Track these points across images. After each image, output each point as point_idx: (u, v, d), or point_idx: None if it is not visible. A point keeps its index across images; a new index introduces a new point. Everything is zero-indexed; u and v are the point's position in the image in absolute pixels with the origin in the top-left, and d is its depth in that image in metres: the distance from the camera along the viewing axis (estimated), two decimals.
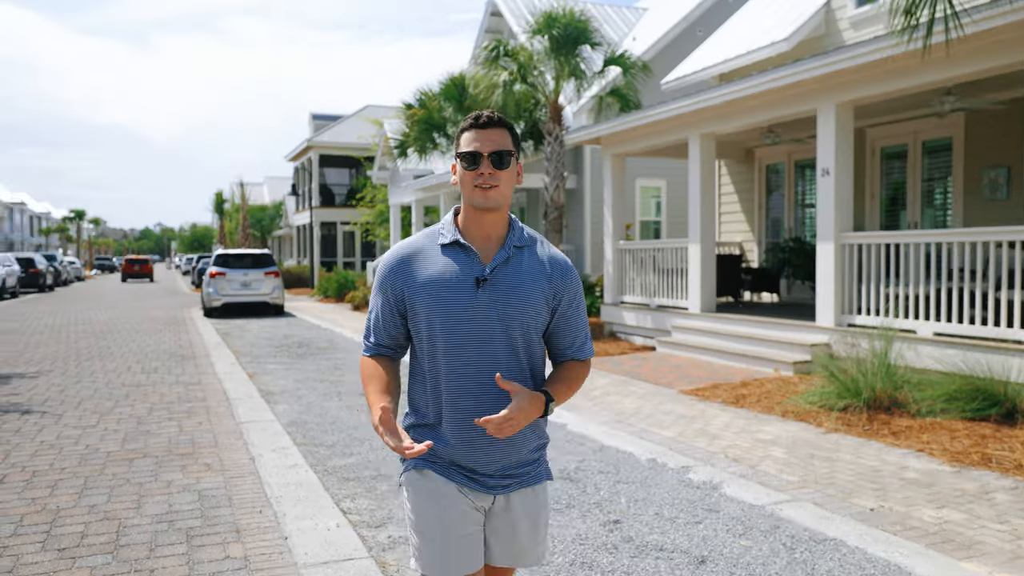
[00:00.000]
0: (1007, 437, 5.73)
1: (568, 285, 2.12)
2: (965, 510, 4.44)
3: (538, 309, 2.06)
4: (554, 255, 2.13)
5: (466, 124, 2.07)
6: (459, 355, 2.00)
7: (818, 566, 3.68)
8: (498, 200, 2.02)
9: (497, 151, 2.01)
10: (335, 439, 6.36)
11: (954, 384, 6.45)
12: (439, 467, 2.06)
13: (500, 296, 2.01)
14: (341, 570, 3.68)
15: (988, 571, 3.60)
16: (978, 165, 10.49)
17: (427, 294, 2.02)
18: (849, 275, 8.94)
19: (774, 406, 7.17)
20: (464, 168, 2.03)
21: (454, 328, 2.00)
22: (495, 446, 2.04)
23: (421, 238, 2.12)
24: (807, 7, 12.65)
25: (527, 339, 2.07)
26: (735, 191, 14.94)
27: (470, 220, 2.07)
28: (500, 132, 2.04)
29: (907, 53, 7.20)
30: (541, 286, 2.06)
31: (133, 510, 4.56)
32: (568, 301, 2.13)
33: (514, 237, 2.08)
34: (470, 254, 2.04)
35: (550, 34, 13.90)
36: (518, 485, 2.11)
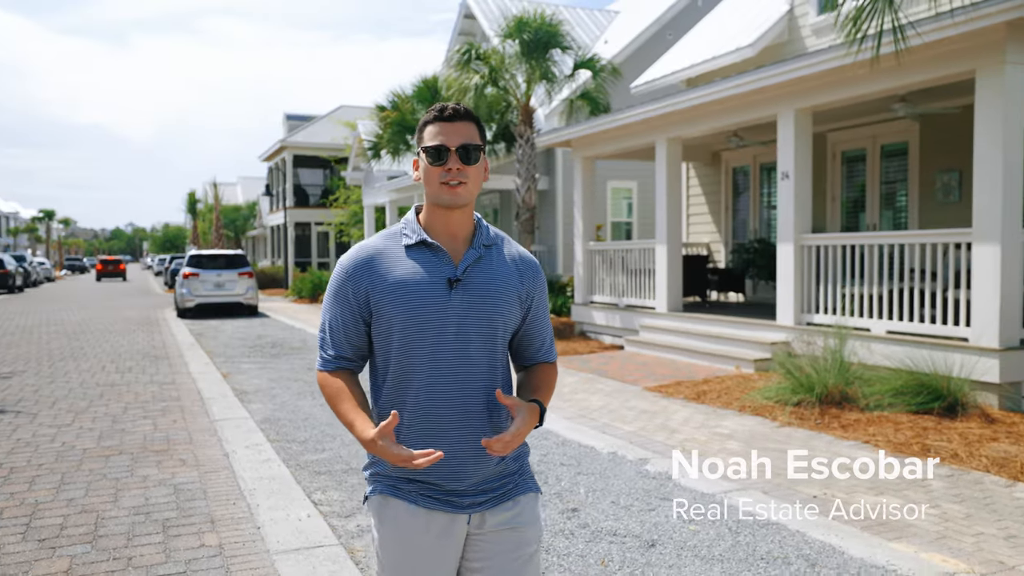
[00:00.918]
0: (946, 429, 6.04)
1: (537, 285, 2.05)
2: (902, 496, 4.73)
3: (512, 310, 1.98)
4: (522, 254, 2.05)
5: (430, 116, 1.96)
6: (431, 361, 1.90)
7: (759, 547, 3.95)
8: (466, 197, 1.93)
9: (464, 145, 1.91)
10: (307, 435, 6.55)
11: (900, 380, 6.77)
12: (404, 493, 1.93)
13: (474, 297, 1.92)
14: (311, 556, 3.88)
15: (915, 550, 3.87)
16: (932, 169, 10.87)
17: (395, 298, 1.90)
18: (808, 275, 9.26)
19: (732, 402, 7.46)
20: (429, 163, 1.92)
21: (426, 332, 1.89)
22: (468, 458, 1.91)
23: (380, 239, 2.00)
24: (771, 14, 13.00)
25: (504, 343, 1.99)
26: (703, 193, 15.27)
27: (435, 219, 1.96)
28: (467, 125, 1.94)
29: (860, 62, 7.50)
30: (514, 286, 1.98)
31: (110, 503, 4.73)
32: (538, 302, 2.06)
33: (482, 236, 1.99)
34: (439, 254, 1.94)
35: (521, 38, 14.13)
36: (496, 501, 1.97)
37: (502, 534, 1.96)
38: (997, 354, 7.02)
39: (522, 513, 1.99)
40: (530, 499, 2.02)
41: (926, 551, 3.87)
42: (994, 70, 7.03)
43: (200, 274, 19.44)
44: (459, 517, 1.93)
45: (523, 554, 1.98)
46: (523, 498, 2.00)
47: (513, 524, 1.97)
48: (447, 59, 17.60)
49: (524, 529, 1.99)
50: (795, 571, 3.67)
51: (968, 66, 7.32)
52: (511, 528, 1.97)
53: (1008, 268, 7.11)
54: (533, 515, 2.02)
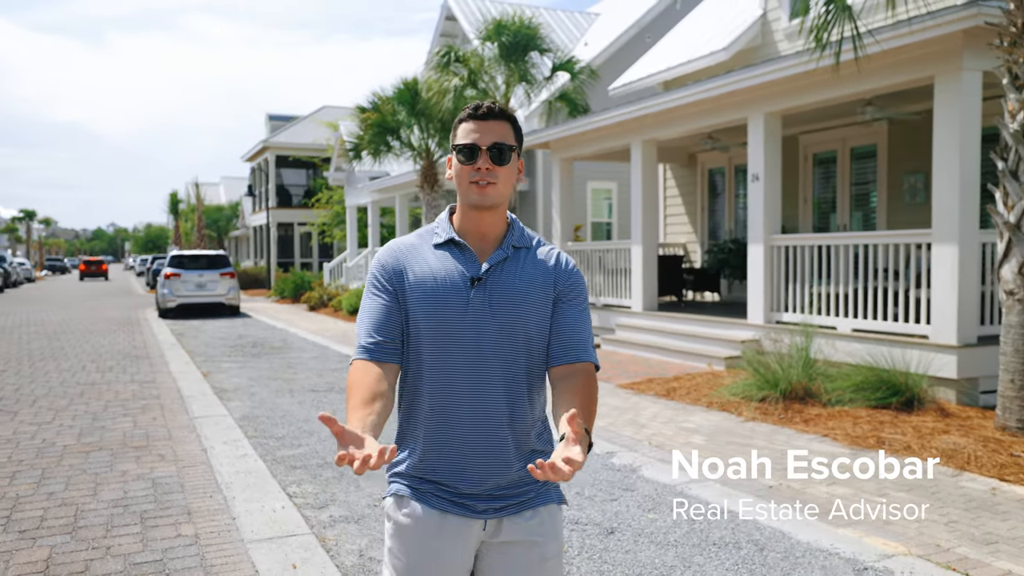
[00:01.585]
0: (902, 423, 6.27)
1: (572, 286, 1.95)
2: (854, 487, 4.93)
3: (535, 315, 1.90)
4: (559, 258, 1.97)
5: (464, 114, 1.92)
6: (446, 360, 1.86)
7: (712, 534, 4.14)
8: (496, 198, 1.88)
9: (497, 144, 1.87)
10: (285, 432, 6.70)
11: (861, 376, 6.99)
12: (420, 494, 1.89)
13: (495, 298, 1.87)
14: (285, 544, 4.04)
15: (859, 535, 4.08)
16: (900, 171, 11.14)
17: (418, 293, 1.88)
18: (777, 275, 9.49)
19: (701, 398, 7.66)
20: (460, 162, 1.89)
21: (442, 330, 1.86)
22: (486, 461, 1.87)
23: (414, 236, 2.00)
24: (745, 18, 13.24)
25: (528, 347, 1.90)
26: (679, 194, 15.50)
27: (466, 218, 1.94)
28: (501, 124, 1.90)
29: (823, 68, 7.73)
30: (539, 289, 1.91)
31: (90, 497, 4.87)
32: (572, 302, 1.94)
33: (513, 237, 1.95)
34: (465, 252, 1.91)
35: (499, 41, 14.33)
36: (515, 509, 1.89)
37: (519, 549, 1.89)
38: (955, 351, 7.26)
39: (542, 525, 1.91)
40: (551, 511, 1.94)
41: (870, 536, 4.08)
42: (951, 76, 7.27)
43: (182, 274, 19.49)
44: (474, 522, 1.87)
45: (541, 572, 1.90)
46: (544, 509, 1.92)
47: (531, 538, 1.89)
48: (428, 60, 17.75)
49: (543, 544, 1.90)
50: (744, 555, 3.87)
51: (927, 72, 7.56)
52: (530, 544, 1.89)
53: (966, 268, 7.35)
54: (553, 528, 1.93)
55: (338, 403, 7.91)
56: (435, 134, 15.93)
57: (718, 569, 3.71)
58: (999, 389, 5.97)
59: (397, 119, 16.03)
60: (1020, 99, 5.71)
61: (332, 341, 13.61)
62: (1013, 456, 5.30)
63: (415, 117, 15.64)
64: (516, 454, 1.89)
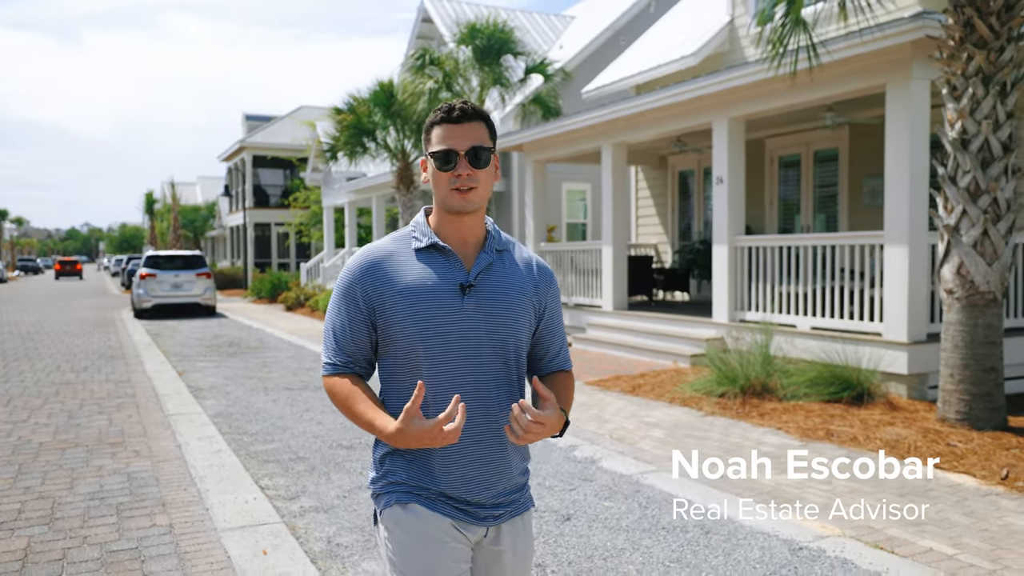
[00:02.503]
0: (851, 416, 6.57)
1: (551, 292, 2.01)
2: (801, 475, 5.20)
3: (526, 317, 1.93)
4: (537, 261, 2.01)
5: (437, 117, 1.88)
6: (444, 369, 1.84)
7: (663, 519, 4.39)
8: (477, 202, 1.86)
9: (474, 148, 1.84)
10: (258, 428, 6.88)
11: (815, 371, 7.29)
12: (426, 500, 1.87)
13: (487, 303, 1.86)
14: (256, 532, 4.24)
15: (799, 520, 4.35)
16: (861, 174, 11.48)
17: (406, 303, 1.83)
18: (741, 275, 9.78)
19: (664, 394, 7.93)
20: (438, 168, 1.85)
21: (438, 339, 1.83)
22: (489, 468, 1.88)
23: (389, 242, 1.93)
24: (714, 24, 13.54)
25: (517, 350, 1.93)
26: (651, 196, 15.80)
27: (445, 223, 1.90)
28: (476, 126, 1.86)
29: (784, 75, 8.01)
30: (528, 292, 1.93)
31: (66, 490, 5.03)
32: (552, 309, 2.01)
33: (494, 240, 1.94)
34: (450, 258, 1.87)
35: (474, 44, 14.56)
36: (509, 515, 1.95)
37: (512, 558, 1.96)
38: (906, 348, 7.57)
39: (527, 530, 2.00)
40: (529, 516, 2.03)
41: (809, 520, 4.35)
42: (901, 85, 7.58)
43: (157, 275, 19.53)
44: (478, 529, 1.90)
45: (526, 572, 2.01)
46: (526, 515, 2.01)
47: (522, 546, 1.98)
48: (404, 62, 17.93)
49: (528, 550, 2.00)
50: (690, 538, 4.12)
51: (880, 81, 7.86)
52: (521, 552, 1.98)
53: (915, 268, 7.66)
54: (531, 531, 2.03)
55: (312, 401, 8.09)
56: (411, 136, 16.12)
57: (664, 550, 3.96)
58: (940, 383, 6.28)
59: (373, 121, 16.20)
60: (958, 109, 6.02)
61: (308, 341, 13.76)
62: (949, 446, 5.60)
63: (390, 119, 15.83)
64: (516, 458, 1.93)
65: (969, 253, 5.99)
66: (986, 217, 5.94)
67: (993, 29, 5.83)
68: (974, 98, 5.92)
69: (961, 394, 6.08)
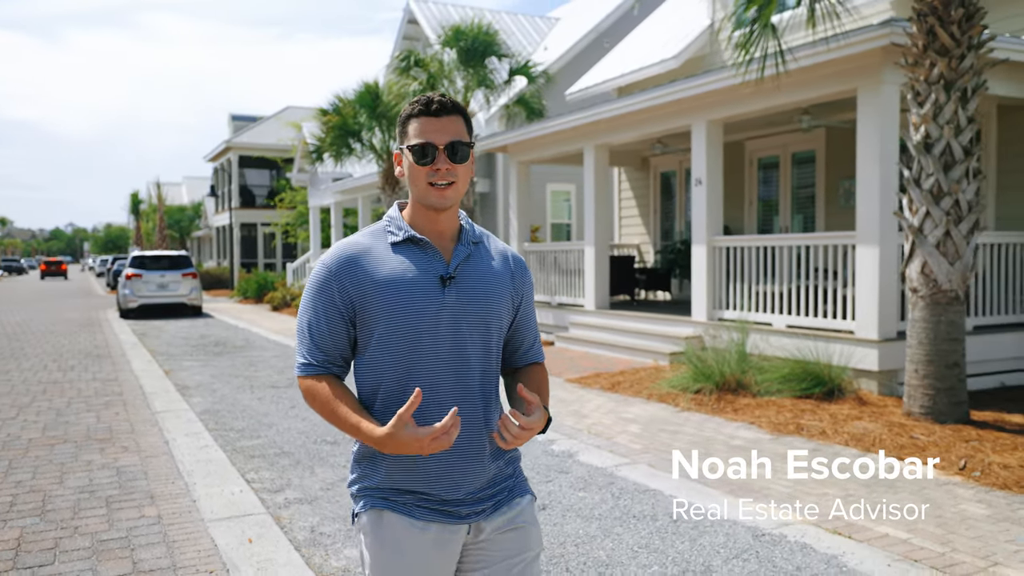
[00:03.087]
0: (821, 410, 6.78)
1: (527, 283, 2.00)
2: (769, 466, 5.40)
3: (505, 308, 1.92)
4: (511, 252, 2.00)
5: (414, 110, 1.84)
6: (426, 364, 1.81)
7: (634, 508, 4.58)
8: (455, 198, 1.84)
9: (453, 143, 1.81)
10: (244, 424, 7.02)
11: (788, 368, 7.50)
12: (402, 507, 1.84)
13: (468, 295, 1.84)
14: (242, 522, 4.40)
15: (764, 507, 4.54)
16: (837, 176, 11.72)
17: (385, 297, 1.80)
18: (719, 274, 9.99)
19: (642, 391, 8.12)
20: (415, 162, 1.82)
21: (419, 333, 1.80)
22: (468, 464, 1.84)
23: (365, 237, 1.90)
24: (695, 27, 13.76)
25: (498, 342, 1.92)
26: (633, 196, 16.00)
27: (421, 217, 1.88)
28: (454, 120, 1.83)
29: (751, 81, 8.22)
30: (506, 283, 1.93)
31: (57, 484, 5.17)
32: (527, 300, 2.01)
33: (469, 233, 1.92)
34: (428, 251, 1.85)
35: (458, 47, 14.70)
36: (493, 508, 1.88)
37: (504, 536, 1.89)
38: (876, 345, 7.79)
39: (522, 513, 1.92)
40: (528, 501, 1.95)
41: (773, 507, 4.54)
42: (872, 90, 7.80)
43: (143, 275, 19.58)
44: (459, 528, 1.85)
45: (525, 558, 1.90)
46: (521, 500, 1.94)
47: (514, 524, 1.90)
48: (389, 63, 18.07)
49: (526, 528, 1.92)
50: (659, 526, 4.30)
51: (852, 85, 8.08)
52: (512, 528, 1.90)
53: (886, 268, 7.88)
54: (532, 516, 1.94)
55: (298, 398, 8.23)
56: (395, 136, 16.25)
57: (634, 537, 4.14)
58: (906, 379, 6.51)
59: (358, 122, 16.33)
60: (921, 114, 6.24)
61: (294, 340, 13.85)
62: (912, 438, 5.82)
63: (376, 120, 15.97)
64: (490, 451, 1.89)
65: (932, 253, 6.21)
66: (948, 218, 6.16)
67: (954, 37, 6.05)
68: (936, 103, 6.14)
69: (925, 389, 6.30)
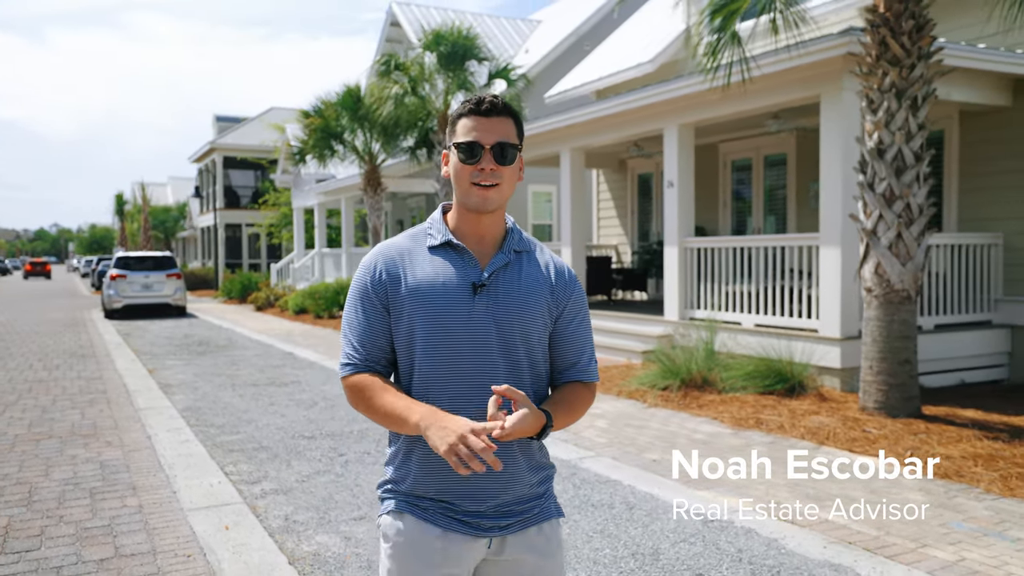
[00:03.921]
0: (781, 406, 7.06)
1: (572, 296, 1.91)
2: (727, 458, 5.66)
3: (541, 320, 1.85)
4: (557, 263, 1.92)
5: (464, 109, 1.82)
6: (451, 370, 1.78)
7: (593, 497, 4.83)
8: (498, 201, 1.81)
9: (501, 143, 1.79)
10: (225, 421, 7.23)
11: (752, 365, 7.77)
12: (421, 511, 1.82)
13: (499, 304, 1.80)
14: (220, 512, 4.62)
15: (716, 496, 4.80)
16: (807, 178, 12.02)
17: (415, 300, 1.79)
18: (690, 275, 10.26)
19: (612, 388, 8.38)
20: (461, 161, 1.80)
21: (446, 340, 1.77)
22: (492, 478, 1.78)
23: (405, 239, 1.89)
24: (670, 31, 14.04)
25: (531, 354, 1.85)
26: (612, 198, 16.28)
27: (463, 221, 1.85)
28: (504, 122, 1.81)
29: (722, 87, 8.50)
30: (543, 295, 1.86)
31: (42, 476, 5.37)
32: (571, 314, 1.91)
33: (513, 240, 1.87)
34: (465, 256, 1.82)
35: (438, 50, 14.93)
36: (520, 525, 1.83)
37: (527, 559, 1.85)
38: (839, 343, 8.07)
39: (548, 542, 1.87)
40: (554, 526, 1.90)
41: (725, 496, 4.80)
42: (834, 96, 8.09)
43: (128, 275, 19.70)
44: (478, 541, 1.81)
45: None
46: (547, 525, 1.88)
47: (536, 555, 1.85)
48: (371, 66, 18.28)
49: (547, 560, 1.87)
50: (615, 513, 4.55)
51: (815, 91, 8.37)
52: (534, 561, 1.86)
53: (848, 268, 8.15)
54: (558, 543, 1.91)
55: (277, 396, 8.43)
56: (378, 138, 16.48)
57: (591, 523, 4.39)
58: (861, 375, 6.79)
59: (341, 124, 16.55)
60: (875, 121, 6.52)
61: (276, 340, 14.07)
62: (864, 432, 6.10)
63: (358, 122, 16.18)
64: (526, 467, 1.84)
65: (885, 254, 6.50)
66: (900, 221, 6.45)
67: (905, 48, 6.34)
68: (889, 111, 6.43)
69: (879, 385, 6.59)
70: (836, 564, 3.79)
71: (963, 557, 3.85)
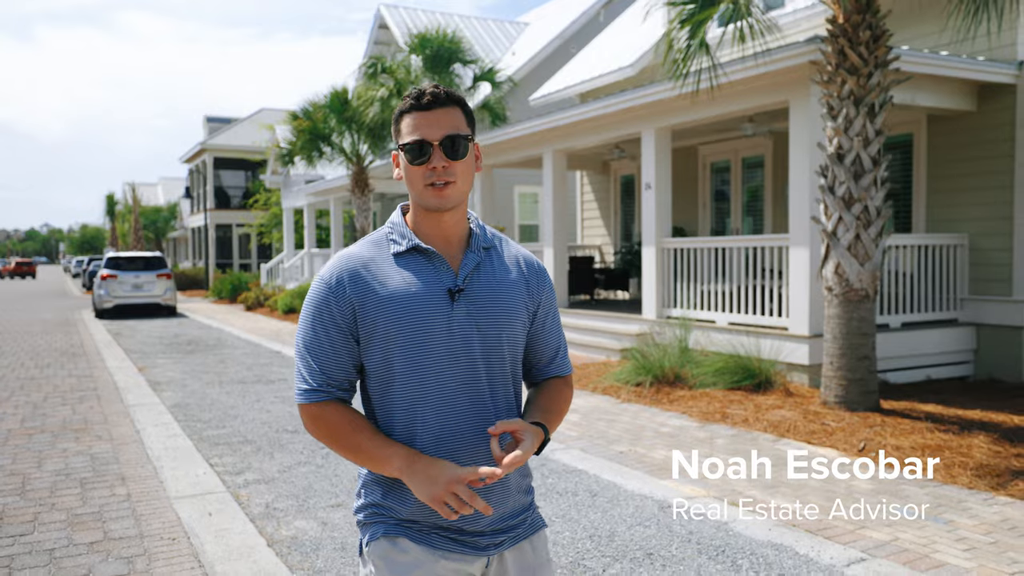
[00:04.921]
0: (748, 401, 7.34)
1: (545, 289, 1.84)
2: (688, 449, 5.94)
3: (521, 320, 1.77)
4: (525, 256, 1.84)
5: (405, 105, 1.70)
6: (434, 383, 1.67)
7: (558, 485, 5.10)
8: (457, 198, 1.69)
9: (449, 137, 1.66)
10: (211, 416, 7.47)
11: (723, 362, 8.05)
12: (415, 532, 1.71)
13: (479, 309, 1.70)
14: (204, 500, 4.87)
15: (676, 485, 5.08)
16: (783, 180, 12.30)
17: (390, 315, 1.65)
18: (667, 274, 10.54)
19: (589, 384, 8.65)
20: (410, 162, 1.68)
21: (428, 353, 1.66)
22: (486, 492, 1.70)
23: (366, 247, 1.74)
24: (651, 35, 14.31)
25: (513, 356, 1.77)
26: (595, 199, 16.56)
27: (424, 221, 1.73)
28: (450, 112, 1.68)
29: (692, 92, 8.78)
30: (520, 292, 1.77)
31: (35, 468, 5.61)
32: (547, 309, 1.84)
33: (480, 238, 1.77)
34: (435, 261, 1.70)
35: (424, 54, 15.20)
36: (512, 540, 1.78)
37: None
38: (807, 340, 8.37)
39: (538, 553, 1.83)
40: (542, 537, 1.85)
41: (685, 485, 5.08)
42: (801, 102, 8.38)
43: (118, 275, 19.89)
44: (478, 560, 1.74)
45: None
46: (536, 538, 1.84)
47: (532, 570, 1.81)
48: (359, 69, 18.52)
49: (541, 571, 1.83)
50: (578, 500, 4.82)
51: (783, 97, 8.66)
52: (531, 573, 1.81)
53: (815, 268, 8.44)
54: (547, 554, 1.86)
55: (263, 392, 8.68)
56: (365, 140, 16.74)
57: (554, 509, 4.66)
58: (823, 370, 7.08)
59: (328, 126, 16.79)
60: (835, 127, 6.81)
61: (265, 339, 14.30)
62: (823, 425, 6.38)
63: (345, 124, 16.42)
64: (515, 477, 1.78)
65: (844, 255, 6.79)
66: (859, 223, 6.73)
67: (862, 57, 6.62)
68: (847, 117, 6.71)
69: (839, 380, 6.88)
70: (778, 544, 4.07)
71: (897, 537, 4.14)
